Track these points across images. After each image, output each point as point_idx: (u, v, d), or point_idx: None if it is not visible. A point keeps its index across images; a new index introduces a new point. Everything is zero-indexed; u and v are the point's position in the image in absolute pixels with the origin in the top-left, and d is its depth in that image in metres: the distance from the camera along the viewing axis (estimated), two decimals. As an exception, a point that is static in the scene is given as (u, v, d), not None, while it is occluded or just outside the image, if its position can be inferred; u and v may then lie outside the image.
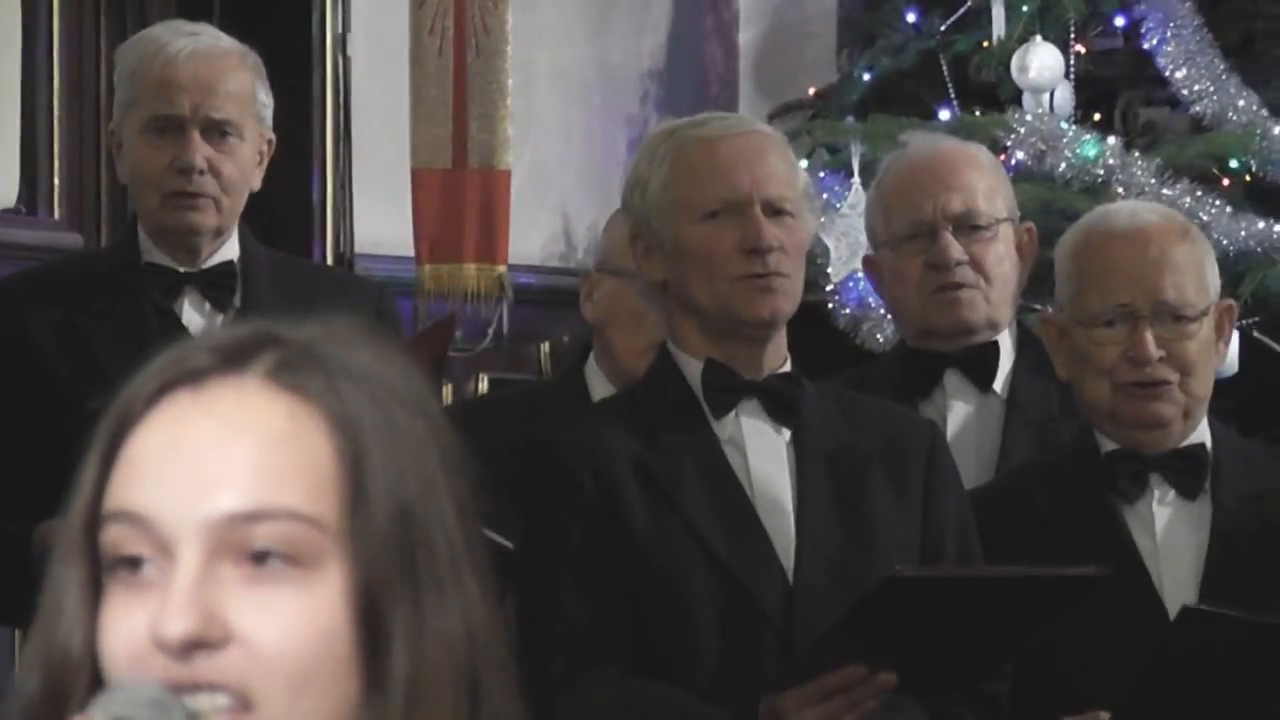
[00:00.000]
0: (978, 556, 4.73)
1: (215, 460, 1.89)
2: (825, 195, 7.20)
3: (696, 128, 4.76)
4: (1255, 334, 6.62)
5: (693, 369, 4.63)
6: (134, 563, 1.90)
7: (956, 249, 5.06)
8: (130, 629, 1.88)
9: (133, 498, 1.89)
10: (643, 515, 4.61)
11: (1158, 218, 4.88)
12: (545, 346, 7.56)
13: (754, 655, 4.53)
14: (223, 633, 1.85)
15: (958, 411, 5.23)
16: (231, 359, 1.89)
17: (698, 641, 4.53)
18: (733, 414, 4.68)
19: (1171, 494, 4.70)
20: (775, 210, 4.51)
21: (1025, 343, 5.23)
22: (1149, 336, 4.60)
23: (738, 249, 4.51)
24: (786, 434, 4.64)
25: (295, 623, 1.87)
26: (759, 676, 4.46)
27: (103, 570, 1.90)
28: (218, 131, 5.06)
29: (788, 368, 4.60)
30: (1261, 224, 7.22)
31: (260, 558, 1.88)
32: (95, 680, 1.92)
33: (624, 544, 4.58)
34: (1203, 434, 4.64)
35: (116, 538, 1.90)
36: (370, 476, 1.90)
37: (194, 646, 1.84)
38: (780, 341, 4.63)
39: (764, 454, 4.69)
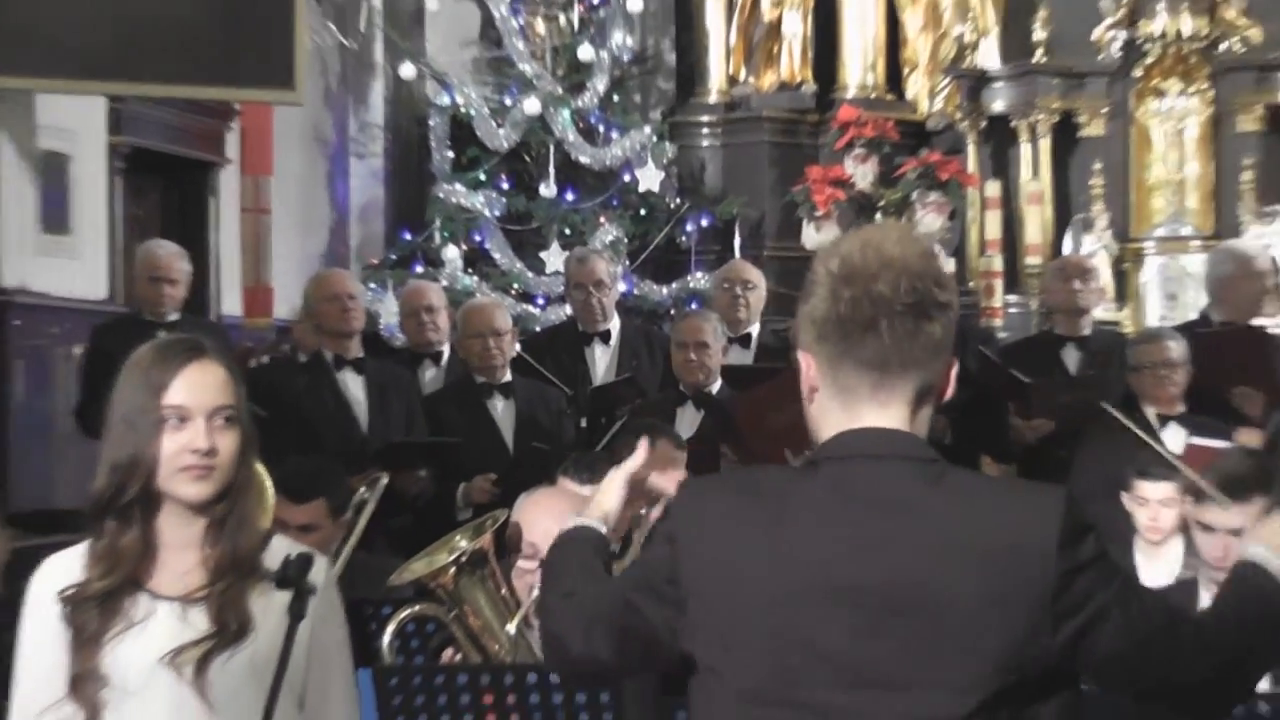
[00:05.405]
0: (425, 432, 7.85)
1: (209, 387, 3.47)
2: (381, 298, 12.16)
3: (324, 274, 8.22)
4: (522, 355, 8.38)
5: (329, 356, 7.80)
6: (182, 419, 3.43)
7: (442, 333, 8.41)
8: (176, 444, 3.43)
9: (180, 399, 3.44)
10: (308, 404, 7.75)
11: (491, 299, 9.54)
12: (287, 347, 9.92)
13: (351, 458, 7.11)
14: (215, 448, 3.45)
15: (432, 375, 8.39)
16: (200, 349, 3.50)
17: (325, 449, 7.18)
18: (342, 372, 7.84)
19: (503, 401, 7.68)
20: (351, 297, 7.90)
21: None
22: (488, 345, 7.95)
23: (341, 309, 7.81)
24: (362, 378, 7.84)
25: (232, 444, 3.49)
26: (355, 468, 6.79)
27: (164, 422, 3.43)
28: (174, 283, 8.55)
29: (361, 353, 7.96)
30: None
31: (227, 420, 3.46)
32: (153, 466, 3.31)
33: (297, 411, 7.66)
34: (507, 374, 7.91)
35: (170, 412, 3.39)
36: (240, 390, 3.50)
37: (208, 452, 3.43)
38: (357, 343, 7.86)
39: (353, 386, 7.80)
